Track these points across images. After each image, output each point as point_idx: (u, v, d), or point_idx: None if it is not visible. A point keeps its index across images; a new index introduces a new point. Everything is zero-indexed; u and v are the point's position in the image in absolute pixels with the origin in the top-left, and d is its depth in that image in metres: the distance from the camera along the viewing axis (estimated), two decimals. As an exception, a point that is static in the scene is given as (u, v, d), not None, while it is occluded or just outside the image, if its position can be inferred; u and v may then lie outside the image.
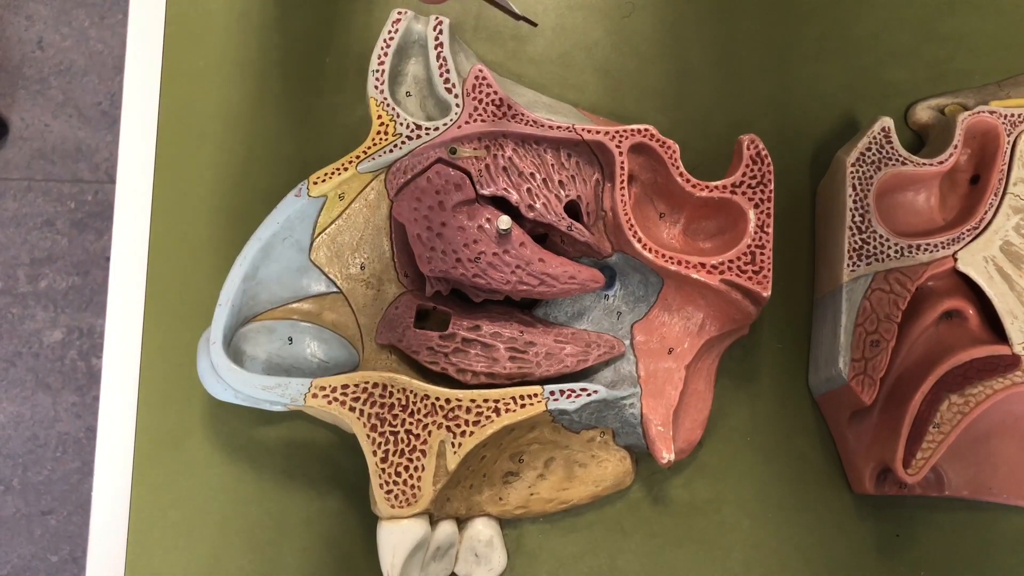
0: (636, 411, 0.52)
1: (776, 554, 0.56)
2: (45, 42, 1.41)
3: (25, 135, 1.39)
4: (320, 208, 0.52)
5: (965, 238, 0.53)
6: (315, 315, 0.53)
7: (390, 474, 0.49)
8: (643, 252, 0.51)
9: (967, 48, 0.60)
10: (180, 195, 0.59)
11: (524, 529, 0.56)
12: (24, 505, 1.31)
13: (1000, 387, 0.51)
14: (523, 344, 0.52)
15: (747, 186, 0.52)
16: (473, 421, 0.49)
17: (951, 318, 0.54)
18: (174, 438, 0.56)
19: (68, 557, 1.31)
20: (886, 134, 0.54)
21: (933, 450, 0.51)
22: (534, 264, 0.51)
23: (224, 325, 0.50)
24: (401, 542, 0.49)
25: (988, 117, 0.54)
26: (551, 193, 0.52)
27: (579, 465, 0.54)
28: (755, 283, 0.51)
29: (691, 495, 0.56)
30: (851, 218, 0.53)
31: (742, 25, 0.60)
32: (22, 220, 1.37)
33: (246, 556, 0.56)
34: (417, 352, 0.52)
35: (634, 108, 0.60)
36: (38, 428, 1.33)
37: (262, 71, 0.60)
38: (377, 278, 0.53)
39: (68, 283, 1.36)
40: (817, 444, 0.56)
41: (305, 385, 0.49)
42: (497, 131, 0.51)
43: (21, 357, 1.34)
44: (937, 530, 0.56)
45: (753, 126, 0.59)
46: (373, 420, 0.49)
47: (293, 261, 0.52)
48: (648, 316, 0.54)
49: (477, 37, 0.60)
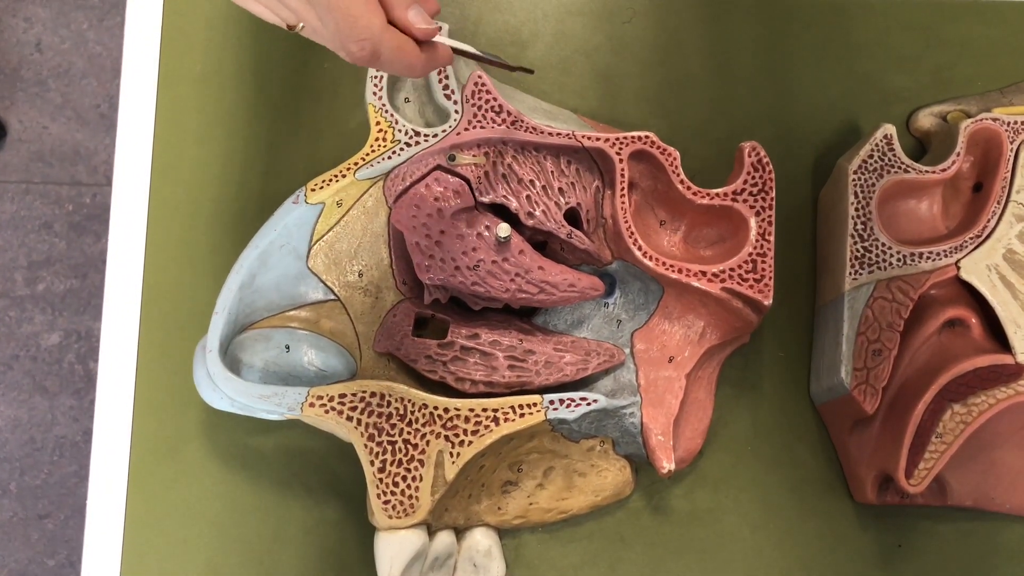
0: (636, 420, 0.52)
1: (777, 564, 0.55)
2: (43, 44, 1.41)
3: (23, 137, 1.39)
4: (318, 215, 0.52)
5: (968, 246, 0.53)
6: (312, 323, 0.53)
7: (388, 484, 0.48)
8: (643, 260, 0.51)
9: (970, 55, 0.60)
10: (177, 200, 0.58)
11: (523, 539, 0.55)
12: (21, 509, 1.31)
13: (1003, 397, 0.51)
14: (522, 352, 0.52)
15: (748, 193, 0.51)
16: (472, 431, 0.49)
17: (954, 327, 0.53)
18: (170, 447, 0.56)
19: (65, 561, 1.30)
20: (888, 141, 0.53)
21: (936, 460, 0.51)
22: (533, 272, 0.50)
23: (220, 333, 0.49)
24: (399, 552, 0.48)
25: (991, 124, 0.53)
26: (551, 200, 0.51)
27: (578, 475, 0.54)
28: (756, 291, 0.50)
29: (692, 504, 0.56)
30: (853, 226, 0.53)
31: (743, 31, 0.60)
32: (20, 223, 1.37)
33: (242, 566, 0.55)
34: (415, 360, 0.52)
35: (634, 114, 0.59)
36: (35, 431, 1.32)
37: (260, 76, 0.60)
38: (375, 285, 0.53)
39: (66, 286, 1.35)
40: (819, 453, 0.56)
41: (302, 394, 0.49)
42: (496, 138, 0.51)
43: (18, 360, 1.33)
44: (939, 540, 0.55)
45: (754, 133, 0.59)
46: (371, 429, 0.49)
47: (290, 268, 0.52)
48: (648, 324, 0.54)
49: (477, 43, 0.60)
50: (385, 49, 0.39)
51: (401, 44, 0.39)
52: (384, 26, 0.38)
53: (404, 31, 0.40)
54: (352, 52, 0.39)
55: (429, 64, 0.41)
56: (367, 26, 0.38)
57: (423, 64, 0.41)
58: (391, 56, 0.39)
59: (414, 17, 0.40)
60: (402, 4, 0.39)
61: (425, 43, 0.41)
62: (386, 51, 0.39)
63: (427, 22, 0.40)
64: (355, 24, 0.38)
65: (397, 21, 0.39)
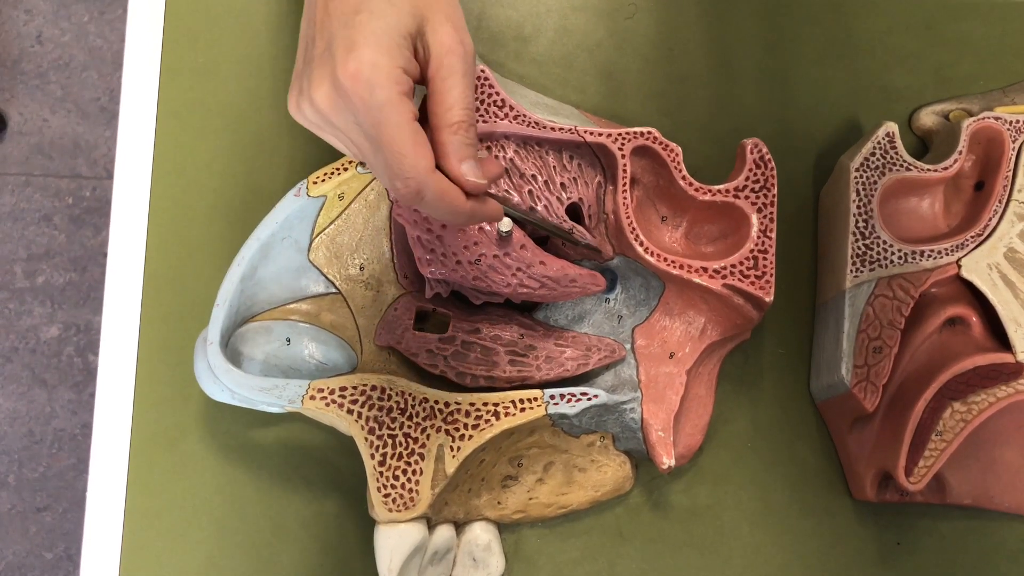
0: (636, 416, 0.52)
1: (776, 561, 0.55)
2: (44, 37, 1.41)
3: (23, 130, 1.39)
4: (319, 208, 0.52)
5: (969, 245, 0.53)
6: (313, 316, 0.53)
7: (388, 477, 0.48)
8: (645, 255, 0.51)
9: (972, 53, 0.60)
10: (178, 192, 0.58)
11: (522, 534, 0.55)
12: (19, 501, 1.31)
13: (1003, 395, 0.51)
14: (523, 347, 0.52)
15: (750, 190, 0.51)
16: (472, 425, 0.49)
17: (954, 325, 0.53)
18: (170, 439, 0.56)
19: (63, 554, 1.30)
20: (890, 139, 0.53)
21: (935, 458, 0.51)
22: (535, 267, 0.50)
23: (221, 325, 0.49)
24: (398, 546, 0.48)
25: (993, 123, 0.53)
26: (552, 195, 0.51)
27: (578, 470, 0.54)
28: (757, 288, 0.50)
29: (691, 501, 0.56)
30: (854, 223, 0.53)
31: (746, 29, 0.60)
32: (20, 215, 1.37)
33: (242, 559, 0.55)
34: (416, 354, 0.52)
35: (637, 111, 0.59)
36: (34, 424, 1.32)
37: (262, 68, 0.60)
38: (376, 279, 0.53)
39: (65, 279, 1.35)
40: (818, 450, 0.56)
41: (303, 387, 0.49)
42: (499, 132, 0.51)
43: (18, 353, 1.33)
44: (938, 539, 0.55)
45: (756, 130, 0.59)
46: (371, 423, 0.49)
47: (292, 261, 0.52)
48: (649, 320, 0.54)
49: (479, 37, 0.60)
50: (429, 192, 0.39)
51: (446, 190, 0.40)
52: (430, 169, 0.39)
53: (455, 180, 0.40)
54: (397, 189, 0.39)
55: (476, 215, 0.42)
56: (412, 166, 0.38)
57: (468, 214, 0.41)
58: (434, 200, 0.40)
59: (467, 170, 0.40)
60: (458, 156, 0.40)
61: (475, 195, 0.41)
62: (429, 194, 0.39)
63: (478, 176, 0.40)
64: (402, 163, 0.38)
65: (449, 170, 0.40)
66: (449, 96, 0.40)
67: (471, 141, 0.40)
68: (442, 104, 0.40)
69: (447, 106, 0.40)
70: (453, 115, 0.40)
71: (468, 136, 0.40)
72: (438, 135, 0.40)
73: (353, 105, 0.38)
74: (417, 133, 0.39)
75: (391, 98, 0.38)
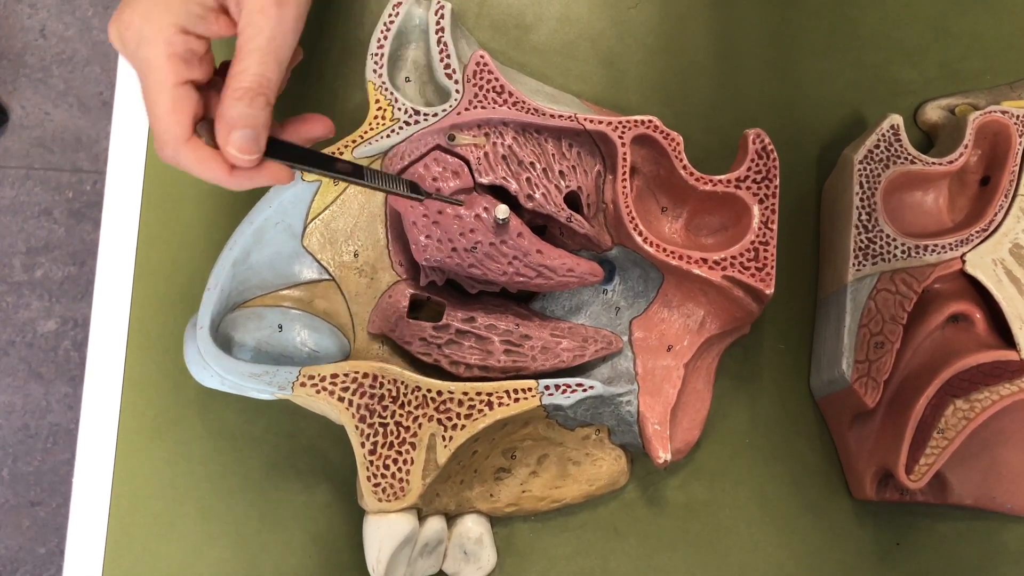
0: (633, 409, 0.51)
1: (773, 559, 0.54)
2: (47, 31, 1.40)
3: (25, 123, 1.38)
4: (314, 193, 0.51)
5: (974, 240, 0.52)
6: (306, 302, 0.52)
7: (378, 467, 0.48)
8: (644, 246, 0.50)
9: (979, 48, 0.59)
10: (172, 179, 0.58)
11: (515, 527, 0.55)
12: (13, 496, 1.30)
13: (1007, 393, 0.50)
14: (518, 337, 0.51)
15: (752, 181, 0.51)
16: (465, 414, 0.48)
17: (957, 322, 0.52)
18: (158, 427, 0.55)
19: (56, 549, 1.29)
20: (895, 132, 0.53)
21: (937, 456, 0.50)
22: (532, 255, 0.49)
23: (212, 310, 0.49)
24: (388, 537, 0.47)
25: (1000, 117, 0.52)
26: (551, 183, 0.50)
27: (573, 463, 0.53)
28: (758, 280, 0.50)
29: (687, 496, 0.55)
30: (857, 217, 0.52)
31: (749, 19, 0.59)
32: (19, 208, 1.36)
33: (229, 549, 0.54)
34: (410, 343, 0.51)
35: (638, 100, 0.58)
36: (29, 418, 1.31)
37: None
38: (371, 266, 0.52)
39: (64, 273, 1.35)
40: (817, 447, 0.55)
41: (293, 373, 0.48)
42: (497, 119, 0.50)
43: (14, 346, 1.33)
44: (938, 539, 0.54)
45: (759, 121, 0.58)
46: (362, 411, 0.48)
47: (285, 246, 0.51)
48: (647, 312, 0.53)
49: (480, 24, 0.59)
50: (183, 159, 0.39)
51: (204, 159, 0.39)
52: (182, 137, 0.39)
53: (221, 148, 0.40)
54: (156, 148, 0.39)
55: (244, 186, 0.41)
56: (165, 130, 0.39)
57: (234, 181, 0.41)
58: (190, 167, 0.39)
59: (236, 139, 0.39)
60: (230, 124, 0.39)
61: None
62: (184, 161, 0.39)
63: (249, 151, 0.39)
64: (156, 125, 0.39)
65: (218, 136, 0.39)
66: (246, 59, 0.39)
67: (253, 112, 0.39)
68: (236, 65, 0.39)
69: (240, 68, 0.39)
70: (242, 79, 0.39)
71: (252, 107, 0.39)
72: (223, 97, 0.39)
73: (125, 55, 0.38)
74: (178, 100, 0.38)
75: (155, 57, 0.37)
